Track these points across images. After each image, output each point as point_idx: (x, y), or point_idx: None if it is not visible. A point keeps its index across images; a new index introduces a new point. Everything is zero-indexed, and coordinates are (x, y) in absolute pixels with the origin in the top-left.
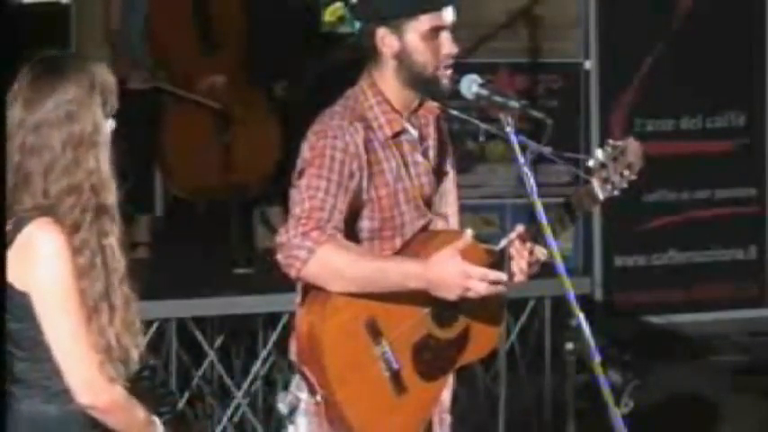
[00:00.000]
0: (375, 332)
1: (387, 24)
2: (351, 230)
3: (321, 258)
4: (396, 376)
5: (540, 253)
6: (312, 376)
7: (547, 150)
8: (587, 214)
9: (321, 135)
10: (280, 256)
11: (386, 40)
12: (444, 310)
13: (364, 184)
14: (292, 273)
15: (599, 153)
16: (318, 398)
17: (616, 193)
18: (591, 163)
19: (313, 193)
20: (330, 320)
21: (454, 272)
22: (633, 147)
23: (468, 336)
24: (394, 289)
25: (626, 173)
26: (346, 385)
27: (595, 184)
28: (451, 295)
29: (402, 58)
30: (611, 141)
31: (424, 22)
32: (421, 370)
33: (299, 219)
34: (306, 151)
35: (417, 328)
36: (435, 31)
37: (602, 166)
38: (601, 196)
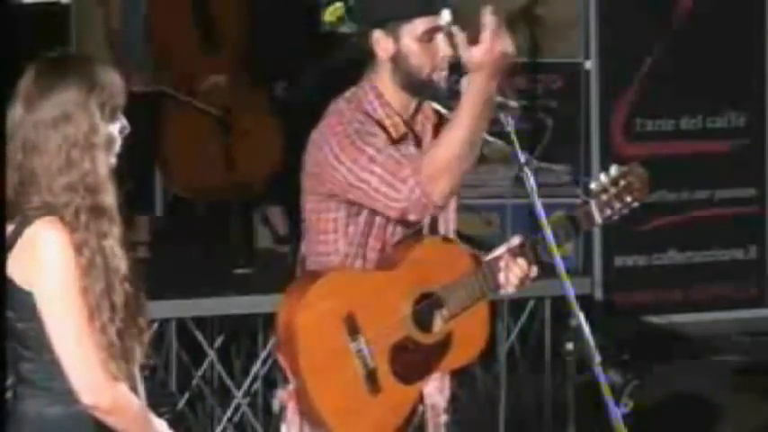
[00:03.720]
0: (353, 328)
1: (382, 27)
2: (351, 224)
3: (430, 178)
4: (371, 375)
5: (531, 270)
6: (286, 364)
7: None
8: None
9: (336, 121)
10: (412, 217)
11: (381, 43)
12: (426, 314)
13: None
14: (429, 210)
15: (601, 176)
16: (291, 386)
17: (615, 218)
18: (593, 185)
19: (374, 153)
20: (308, 310)
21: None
22: (637, 172)
23: (451, 342)
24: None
25: (628, 199)
26: (318, 375)
27: (594, 207)
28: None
29: (398, 61)
30: (615, 165)
31: (419, 25)
32: (398, 372)
33: (392, 183)
34: (330, 138)
35: (397, 329)
36: (431, 33)
37: (604, 189)
38: (599, 220)
